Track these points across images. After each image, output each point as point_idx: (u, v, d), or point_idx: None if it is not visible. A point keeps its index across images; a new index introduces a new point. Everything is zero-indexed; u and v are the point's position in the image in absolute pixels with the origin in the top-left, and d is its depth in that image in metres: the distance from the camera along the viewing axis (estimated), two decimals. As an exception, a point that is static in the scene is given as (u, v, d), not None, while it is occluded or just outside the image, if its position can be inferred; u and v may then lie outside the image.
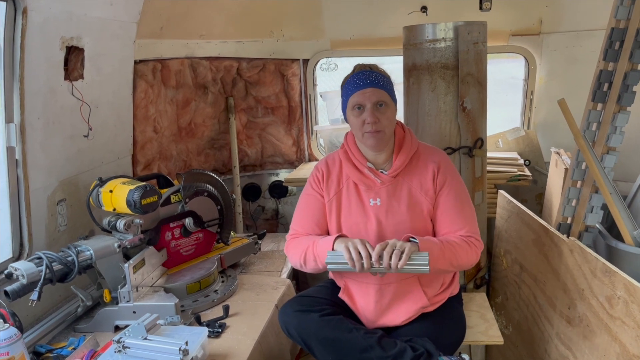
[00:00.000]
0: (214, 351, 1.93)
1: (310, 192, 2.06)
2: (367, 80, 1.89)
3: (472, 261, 1.91)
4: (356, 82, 1.90)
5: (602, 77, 2.69)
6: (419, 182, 1.96)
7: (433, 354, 1.77)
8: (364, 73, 1.92)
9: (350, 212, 1.98)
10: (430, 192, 1.95)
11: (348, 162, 2.01)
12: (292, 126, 3.85)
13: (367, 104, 1.87)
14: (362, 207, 1.96)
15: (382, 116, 1.88)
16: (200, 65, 3.47)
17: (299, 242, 2.00)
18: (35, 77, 2.10)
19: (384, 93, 1.89)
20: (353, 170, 1.99)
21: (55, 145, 2.29)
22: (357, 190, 1.99)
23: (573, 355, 2.04)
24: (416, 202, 1.94)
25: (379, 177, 1.96)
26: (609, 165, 2.65)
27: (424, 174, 1.96)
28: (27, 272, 1.85)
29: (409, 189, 1.95)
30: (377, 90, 1.88)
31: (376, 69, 1.96)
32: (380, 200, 1.95)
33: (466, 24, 2.49)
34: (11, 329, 1.66)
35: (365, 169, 1.97)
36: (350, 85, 1.92)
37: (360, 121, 1.89)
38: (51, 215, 2.28)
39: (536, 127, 3.65)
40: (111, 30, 2.57)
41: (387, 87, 1.92)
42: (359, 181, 1.98)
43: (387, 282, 1.93)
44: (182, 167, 3.50)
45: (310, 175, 2.09)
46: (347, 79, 1.97)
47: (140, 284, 2.16)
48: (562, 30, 3.43)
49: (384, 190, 1.95)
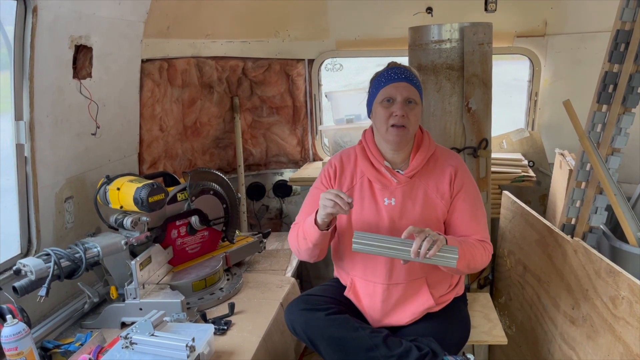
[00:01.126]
0: (219, 348, 1.94)
1: (319, 187, 2.04)
2: (401, 75, 1.89)
3: (484, 264, 1.92)
4: (390, 75, 1.90)
5: (607, 79, 2.69)
6: (435, 184, 1.94)
7: (438, 354, 1.78)
8: (398, 69, 1.92)
9: (363, 210, 1.96)
10: (446, 195, 1.93)
11: (365, 159, 1.99)
12: (297, 126, 3.86)
13: (398, 98, 1.86)
14: (375, 205, 1.95)
15: (410, 112, 1.87)
16: (206, 65, 3.48)
17: (295, 229, 2.02)
18: (45, 75, 2.12)
19: (415, 91, 1.90)
20: (369, 168, 1.97)
21: (64, 143, 2.31)
22: (371, 188, 1.97)
23: (577, 355, 2.05)
24: (431, 204, 1.93)
25: (395, 176, 1.94)
26: (613, 166, 2.66)
27: (441, 176, 1.95)
28: (36, 268, 1.86)
29: (425, 190, 1.94)
30: (410, 87, 1.88)
31: (410, 68, 1.96)
32: (395, 200, 1.93)
33: (472, 25, 2.50)
34: (20, 324, 1.68)
35: (382, 167, 1.95)
36: (384, 78, 1.91)
37: (388, 113, 1.87)
38: (59, 213, 2.30)
39: (540, 128, 3.65)
40: (119, 30, 2.59)
41: (419, 86, 1.93)
42: (375, 179, 1.96)
43: (395, 283, 1.94)
44: (187, 166, 3.52)
45: (322, 169, 2.08)
46: (379, 73, 1.96)
47: (146, 281, 2.18)
48: (567, 31, 3.44)
49: (399, 191, 1.93)
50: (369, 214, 1.95)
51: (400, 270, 1.92)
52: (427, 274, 1.95)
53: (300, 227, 1.96)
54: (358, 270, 2.00)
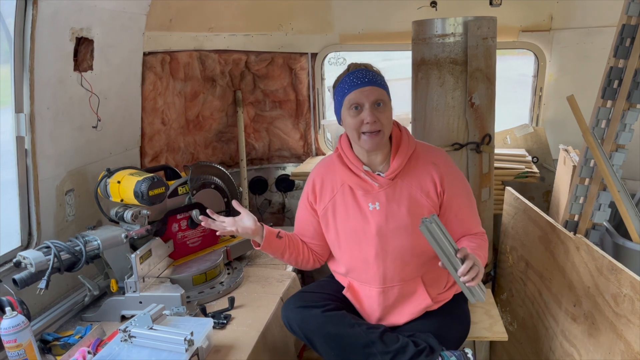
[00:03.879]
0: (218, 342, 1.94)
1: (305, 204, 2.04)
2: (364, 78, 1.80)
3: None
4: (353, 80, 1.80)
5: (612, 74, 2.66)
6: (419, 183, 1.87)
7: (435, 349, 1.77)
8: (360, 71, 1.82)
9: (348, 218, 1.91)
10: (431, 194, 1.87)
11: (343, 166, 1.92)
12: (300, 120, 3.85)
13: (366, 103, 1.78)
14: (359, 211, 1.89)
15: (381, 115, 1.79)
16: (209, 58, 3.47)
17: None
18: (45, 67, 2.11)
19: (382, 92, 1.81)
20: (349, 174, 1.90)
21: (64, 135, 2.31)
22: (354, 194, 1.91)
23: (577, 352, 2.04)
24: (417, 205, 1.87)
25: (376, 180, 1.87)
26: (617, 162, 2.63)
27: (424, 175, 1.88)
28: (36, 260, 1.87)
29: (408, 191, 1.87)
30: (375, 89, 1.79)
31: (371, 68, 1.88)
32: (379, 204, 1.87)
33: (476, 19, 2.48)
34: (19, 316, 1.68)
35: (361, 172, 1.88)
36: (347, 84, 1.81)
37: (357, 121, 1.79)
38: (59, 205, 2.30)
39: (545, 124, 3.62)
40: (121, 22, 2.58)
41: (384, 85, 1.84)
42: (356, 186, 1.89)
43: (390, 285, 1.92)
44: (189, 160, 3.51)
45: (305, 185, 2.05)
46: (341, 78, 1.87)
47: (146, 275, 2.18)
48: (572, 26, 3.40)
49: (382, 194, 1.87)
50: (354, 221, 1.90)
51: (393, 273, 1.90)
52: (422, 274, 1.94)
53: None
54: (352, 275, 2.00)
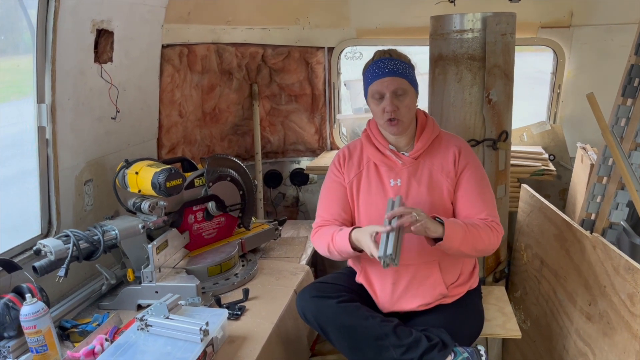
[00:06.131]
0: (233, 333, 1.97)
1: (332, 179, 2.08)
2: (385, 69, 1.89)
3: (493, 246, 1.90)
4: (375, 71, 1.91)
5: (633, 72, 2.63)
6: (440, 163, 1.98)
7: (448, 345, 1.77)
8: (382, 61, 1.91)
9: (370, 192, 2.00)
10: (451, 174, 1.96)
11: (370, 144, 2.04)
12: (315, 114, 3.85)
13: (387, 93, 1.89)
14: (382, 187, 1.99)
15: (400, 104, 1.90)
16: (226, 51, 3.48)
17: (321, 234, 2.02)
18: (67, 58, 2.14)
19: (402, 81, 1.90)
20: (375, 152, 2.02)
21: (84, 126, 2.34)
22: (378, 171, 2.01)
23: (592, 351, 2.03)
24: (436, 184, 1.96)
25: (400, 158, 1.99)
26: (636, 161, 2.60)
27: (445, 155, 1.98)
28: (55, 249, 1.90)
29: (430, 170, 1.98)
30: (395, 79, 1.88)
31: (395, 54, 1.95)
32: (400, 181, 1.97)
33: (495, 15, 2.46)
34: (39, 303, 1.72)
35: (387, 150, 2.00)
36: (370, 74, 1.93)
37: (380, 109, 1.92)
38: (78, 195, 2.34)
39: (562, 121, 3.58)
40: (140, 14, 2.60)
41: (405, 73, 1.91)
42: (380, 162, 2.01)
43: (406, 264, 1.93)
44: (205, 152, 3.54)
45: (331, 163, 2.11)
46: (367, 66, 1.97)
47: (162, 265, 2.20)
48: (593, 23, 3.36)
49: (404, 171, 1.98)
50: (376, 195, 1.99)
51: (411, 251, 1.92)
52: (440, 258, 1.95)
53: (331, 245, 1.95)
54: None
